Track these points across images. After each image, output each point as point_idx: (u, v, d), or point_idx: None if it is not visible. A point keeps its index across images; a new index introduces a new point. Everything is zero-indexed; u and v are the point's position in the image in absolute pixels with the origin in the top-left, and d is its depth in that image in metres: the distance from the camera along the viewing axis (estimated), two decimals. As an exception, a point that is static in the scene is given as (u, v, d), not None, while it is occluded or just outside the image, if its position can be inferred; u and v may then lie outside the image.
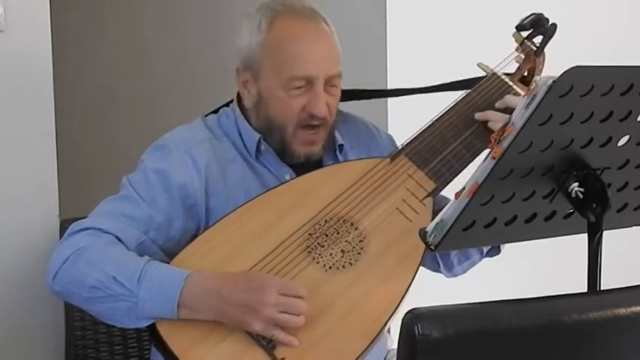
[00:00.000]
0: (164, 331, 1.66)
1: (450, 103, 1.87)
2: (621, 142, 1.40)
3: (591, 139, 1.37)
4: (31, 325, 2.19)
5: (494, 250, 1.93)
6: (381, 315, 1.65)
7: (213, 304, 1.63)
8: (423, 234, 1.44)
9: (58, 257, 1.73)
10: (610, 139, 1.39)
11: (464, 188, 1.38)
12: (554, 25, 1.92)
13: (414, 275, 1.71)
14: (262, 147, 1.88)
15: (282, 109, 1.84)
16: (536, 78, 1.31)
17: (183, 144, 1.85)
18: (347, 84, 1.96)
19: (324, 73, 1.83)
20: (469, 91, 1.89)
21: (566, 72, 1.28)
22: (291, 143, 1.86)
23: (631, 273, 2.29)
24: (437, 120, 1.85)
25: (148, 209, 1.78)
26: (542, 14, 1.92)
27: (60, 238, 2.09)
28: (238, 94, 1.94)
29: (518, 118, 1.31)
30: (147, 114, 2.51)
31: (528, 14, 1.92)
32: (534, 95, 1.28)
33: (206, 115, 1.96)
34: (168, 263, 1.72)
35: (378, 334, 1.64)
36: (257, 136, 1.88)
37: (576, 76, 1.28)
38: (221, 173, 1.84)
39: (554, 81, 1.27)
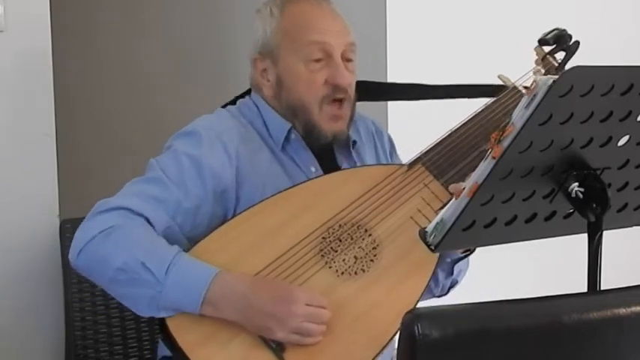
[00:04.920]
0: (174, 327, 1.66)
1: (469, 114, 1.87)
2: (621, 142, 1.40)
3: (591, 139, 1.37)
4: (31, 325, 2.19)
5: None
6: (391, 323, 1.65)
7: (238, 307, 1.64)
8: (422, 234, 1.44)
9: (84, 234, 1.71)
10: (610, 139, 1.39)
11: (464, 188, 1.38)
12: (577, 42, 1.91)
13: (426, 285, 1.71)
14: (292, 136, 1.88)
15: (304, 85, 1.86)
16: (537, 78, 1.30)
17: (212, 130, 1.85)
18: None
19: (341, 44, 1.86)
20: (489, 103, 1.89)
21: (566, 72, 1.28)
22: (318, 122, 1.86)
23: (631, 273, 2.29)
24: (455, 131, 1.85)
25: (177, 193, 1.77)
26: (565, 30, 1.91)
27: (60, 238, 2.10)
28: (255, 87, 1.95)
29: (518, 118, 1.30)
30: (147, 114, 2.50)
31: (551, 29, 1.91)
32: (534, 95, 1.28)
33: (224, 106, 1.96)
34: None
35: (387, 342, 1.65)
36: (287, 125, 1.88)
37: (576, 76, 1.28)
38: (250, 160, 1.85)
39: (554, 81, 1.27)
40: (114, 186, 1.84)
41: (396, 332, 1.63)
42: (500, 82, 1.93)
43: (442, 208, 1.73)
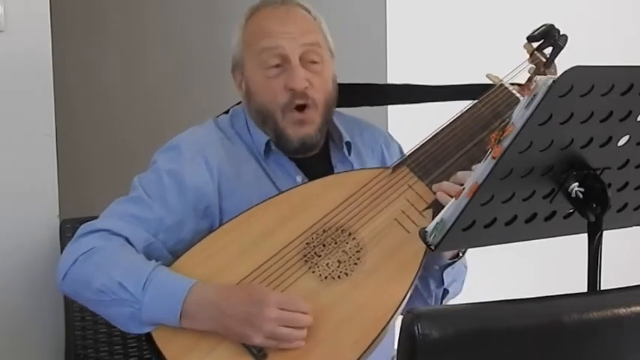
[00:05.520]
0: (159, 338, 1.66)
1: (455, 113, 1.85)
2: (621, 142, 1.40)
3: (591, 139, 1.37)
4: (31, 325, 2.19)
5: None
6: (373, 326, 1.64)
7: (212, 316, 1.63)
8: (423, 234, 1.44)
9: (67, 258, 1.73)
10: (610, 139, 1.38)
11: (464, 188, 1.38)
12: (565, 37, 1.89)
13: (410, 287, 1.69)
14: (272, 147, 1.87)
15: (265, 92, 1.84)
16: (537, 78, 1.30)
17: (195, 144, 1.85)
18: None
19: (297, 46, 1.83)
20: (475, 102, 1.87)
21: (566, 72, 1.28)
22: (284, 128, 1.84)
23: (631, 273, 2.29)
24: (441, 131, 1.83)
25: (158, 211, 1.77)
26: (553, 25, 1.89)
27: (60, 238, 2.10)
28: None
29: (518, 118, 1.30)
30: (147, 114, 2.51)
31: (540, 25, 1.91)
32: (534, 95, 1.28)
33: (218, 116, 1.96)
34: None
35: (371, 344, 1.64)
36: (265, 137, 1.87)
37: (576, 76, 1.28)
38: (234, 174, 1.84)
39: (554, 81, 1.26)
40: (113, 186, 1.84)
41: (380, 334, 1.63)
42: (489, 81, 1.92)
43: (427, 209, 1.74)
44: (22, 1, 2.14)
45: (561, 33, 1.89)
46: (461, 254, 1.84)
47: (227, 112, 1.97)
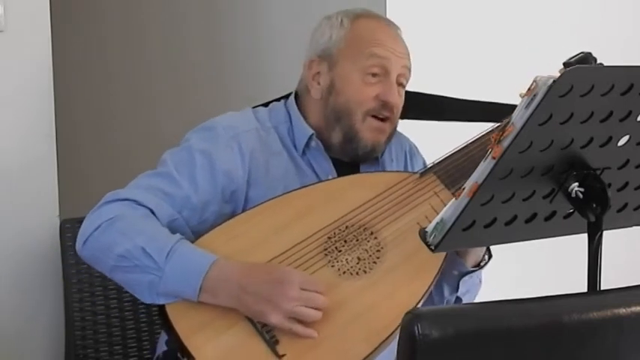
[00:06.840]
0: (172, 313, 1.67)
1: (487, 128, 1.88)
2: (621, 142, 1.40)
3: (591, 139, 1.37)
4: (31, 325, 2.19)
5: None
6: (387, 324, 1.66)
7: (232, 293, 1.65)
8: (423, 234, 1.44)
9: (90, 224, 1.74)
10: (610, 139, 1.39)
11: (464, 188, 1.38)
12: (601, 65, 1.92)
13: (426, 291, 1.72)
14: (313, 143, 1.90)
15: (355, 93, 1.88)
16: (537, 78, 1.30)
17: (231, 129, 1.87)
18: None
19: (399, 65, 1.90)
20: (507, 119, 1.89)
21: (566, 72, 1.28)
22: (360, 130, 1.88)
23: (631, 273, 2.29)
24: (471, 143, 1.87)
25: (186, 189, 1.79)
26: (590, 53, 1.92)
27: (60, 238, 2.10)
28: (296, 93, 1.97)
29: (518, 118, 1.30)
30: (146, 114, 2.50)
31: (577, 52, 1.93)
32: (534, 95, 1.28)
33: (255, 107, 1.98)
34: None
35: (382, 343, 1.65)
36: (310, 131, 1.90)
37: (576, 76, 1.28)
38: (264, 164, 1.86)
39: (554, 81, 1.27)
40: (114, 186, 1.84)
41: (392, 334, 1.64)
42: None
43: None
44: (22, 1, 2.14)
45: (598, 61, 1.92)
46: (482, 263, 1.87)
47: (266, 105, 1.98)
